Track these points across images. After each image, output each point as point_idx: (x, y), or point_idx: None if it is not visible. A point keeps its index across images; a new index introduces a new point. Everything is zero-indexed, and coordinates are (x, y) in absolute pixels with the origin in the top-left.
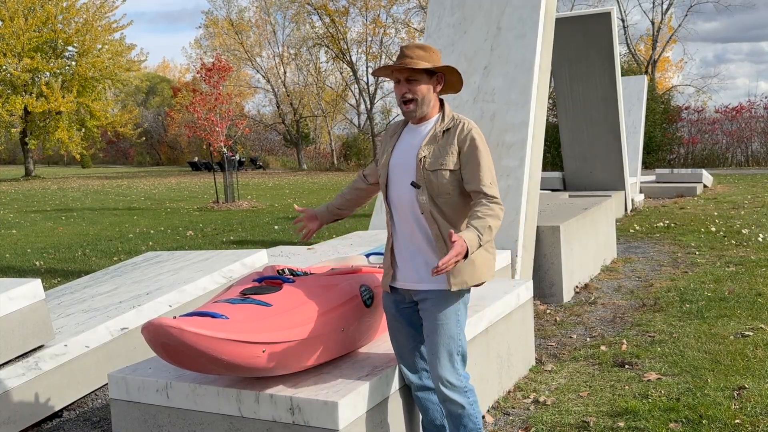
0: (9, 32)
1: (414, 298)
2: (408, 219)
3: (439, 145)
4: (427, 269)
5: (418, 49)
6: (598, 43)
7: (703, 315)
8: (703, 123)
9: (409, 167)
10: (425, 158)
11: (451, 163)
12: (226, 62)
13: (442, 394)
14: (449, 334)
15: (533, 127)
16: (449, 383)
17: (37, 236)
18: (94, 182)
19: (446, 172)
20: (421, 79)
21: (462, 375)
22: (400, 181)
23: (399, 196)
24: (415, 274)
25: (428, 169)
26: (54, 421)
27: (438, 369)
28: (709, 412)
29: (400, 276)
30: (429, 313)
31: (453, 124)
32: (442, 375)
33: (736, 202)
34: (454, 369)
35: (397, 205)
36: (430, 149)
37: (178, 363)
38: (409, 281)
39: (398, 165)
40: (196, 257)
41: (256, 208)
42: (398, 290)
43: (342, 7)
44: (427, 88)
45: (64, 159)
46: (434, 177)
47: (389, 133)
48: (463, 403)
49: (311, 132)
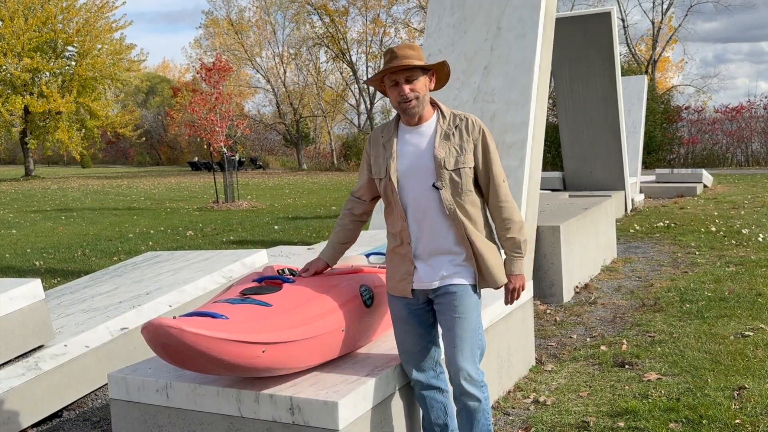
0: (9, 32)
1: (431, 296)
2: (427, 222)
3: (454, 143)
4: (449, 266)
5: (408, 49)
6: (598, 43)
7: (703, 315)
8: (703, 123)
9: (424, 170)
10: (445, 158)
11: (471, 161)
12: (226, 62)
13: (461, 387)
14: (472, 327)
15: (533, 127)
16: (469, 376)
17: (37, 236)
18: (94, 182)
19: (467, 170)
20: (419, 77)
21: (479, 370)
22: (416, 185)
23: (416, 200)
24: (438, 272)
25: (449, 168)
26: (54, 421)
27: (460, 361)
28: (709, 412)
29: (422, 277)
30: (451, 307)
31: (459, 120)
32: (464, 366)
33: (736, 202)
34: (475, 362)
35: (414, 209)
36: (447, 148)
37: (178, 363)
38: (432, 280)
39: (410, 169)
40: (196, 257)
41: (256, 208)
42: (414, 292)
43: (342, 7)
44: (424, 84)
45: (64, 159)
46: (457, 176)
47: (379, 140)
48: (480, 397)
49: (311, 132)
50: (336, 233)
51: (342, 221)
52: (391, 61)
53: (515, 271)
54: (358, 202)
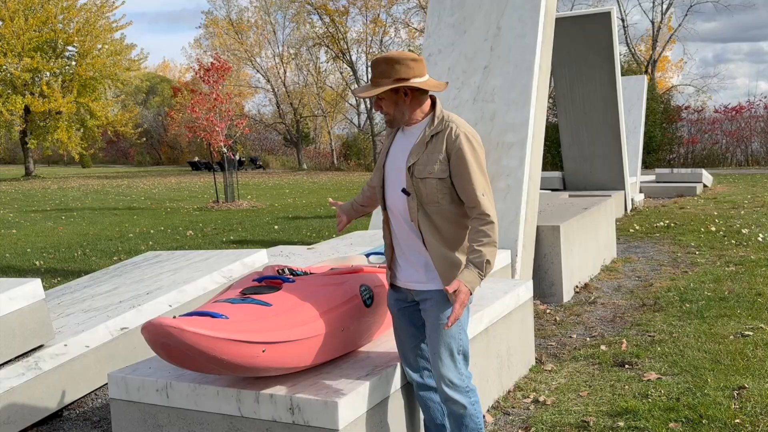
0: (9, 32)
1: (415, 298)
2: (403, 223)
3: (427, 151)
4: (426, 271)
5: (382, 64)
6: (598, 43)
7: (703, 315)
8: (703, 123)
9: (401, 173)
10: (414, 165)
11: (440, 171)
12: (225, 62)
13: (444, 393)
14: (450, 333)
15: (533, 127)
16: (451, 383)
17: (37, 236)
18: (94, 182)
19: (434, 180)
20: (387, 97)
21: (464, 374)
22: (394, 186)
23: (393, 200)
24: (416, 274)
25: (417, 176)
26: (54, 421)
27: (440, 368)
28: (709, 412)
29: (402, 276)
30: (430, 313)
31: (442, 127)
32: (444, 374)
33: (736, 202)
34: (456, 368)
35: (392, 209)
36: (419, 155)
37: (178, 363)
38: (410, 281)
39: (392, 170)
40: (196, 257)
41: (256, 208)
42: (400, 289)
43: (342, 7)
44: (394, 102)
45: (64, 159)
46: (422, 185)
47: (387, 133)
48: (464, 403)
49: (311, 132)
50: (358, 195)
51: (363, 189)
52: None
53: (464, 278)
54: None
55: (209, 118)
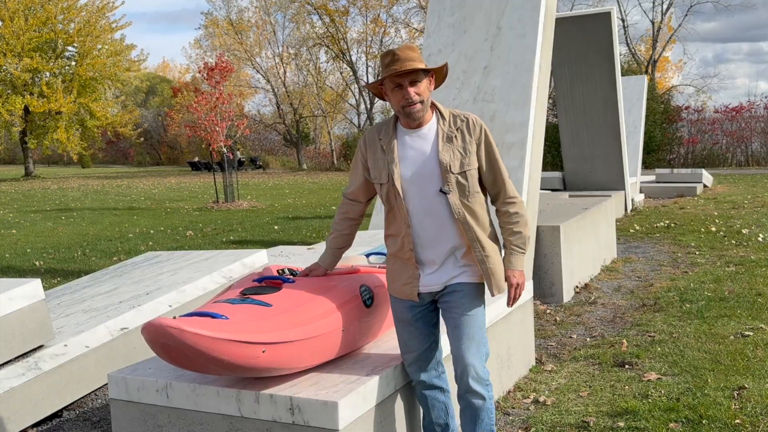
0: (9, 32)
1: (435, 297)
2: (433, 227)
3: (457, 146)
4: (455, 265)
5: (409, 51)
6: (598, 43)
7: (703, 315)
8: (703, 123)
9: (429, 175)
10: (450, 162)
11: (475, 162)
12: (228, 62)
13: (467, 385)
14: (479, 325)
15: (533, 127)
16: (477, 373)
17: (37, 236)
18: (94, 182)
19: (474, 171)
20: (423, 79)
21: (486, 369)
22: (421, 190)
23: (423, 205)
24: (444, 275)
25: (455, 172)
26: (54, 421)
27: (468, 357)
28: (709, 412)
29: (428, 281)
30: (458, 305)
31: (462, 120)
32: (472, 363)
33: (736, 202)
34: (482, 360)
35: (421, 215)
36: (451, 152)
37: (178, 363)
38: (438, 283)
39: (415, 175)
40: (196, 257)
41: (256, 208)
42: (420, 295)
43: (342, 7)
44: (427, 87)
45: (63, 159)
46: (464, 179)
47: (376, 142)
48: (485, 396)
49: (311, 132)
50: (333, 239)
51: (338, 227)
52: (394, 64)
53: (518, 266)
54: (353, 204)
55: (210, 118)
